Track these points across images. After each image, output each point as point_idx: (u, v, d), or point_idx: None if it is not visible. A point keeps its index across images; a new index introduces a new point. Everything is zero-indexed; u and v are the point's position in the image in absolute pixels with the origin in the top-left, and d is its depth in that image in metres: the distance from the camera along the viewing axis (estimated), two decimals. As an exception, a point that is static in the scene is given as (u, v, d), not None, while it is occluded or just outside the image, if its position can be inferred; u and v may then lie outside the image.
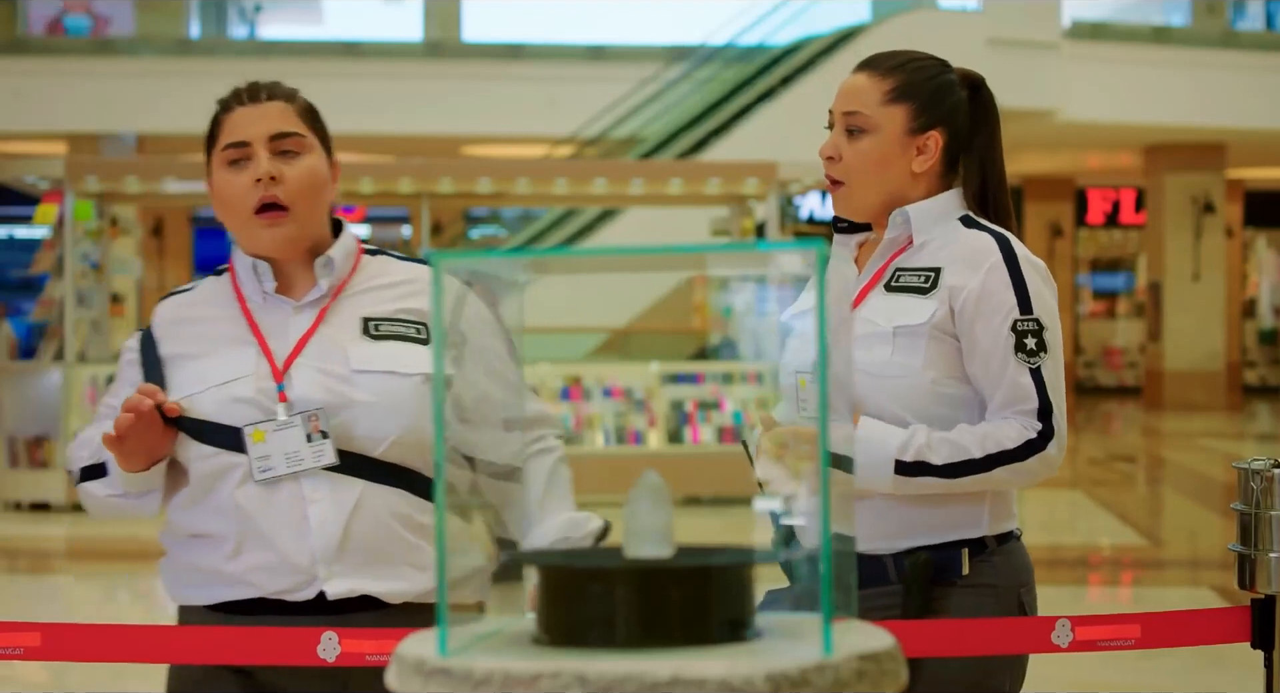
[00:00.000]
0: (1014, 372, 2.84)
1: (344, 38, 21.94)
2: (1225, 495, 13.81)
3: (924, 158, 2.97)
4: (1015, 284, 2.88)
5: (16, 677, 7.00)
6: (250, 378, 2.74)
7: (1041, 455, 2.82)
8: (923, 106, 2.98)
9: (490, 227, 22.46)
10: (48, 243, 13.30)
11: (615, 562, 1.53)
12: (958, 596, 2.91)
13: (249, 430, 2.71)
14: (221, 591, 2.76)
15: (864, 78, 2.99)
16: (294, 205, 2.78)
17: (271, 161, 2.77)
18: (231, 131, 2.80)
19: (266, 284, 2.82)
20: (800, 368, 2.96)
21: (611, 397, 13.05)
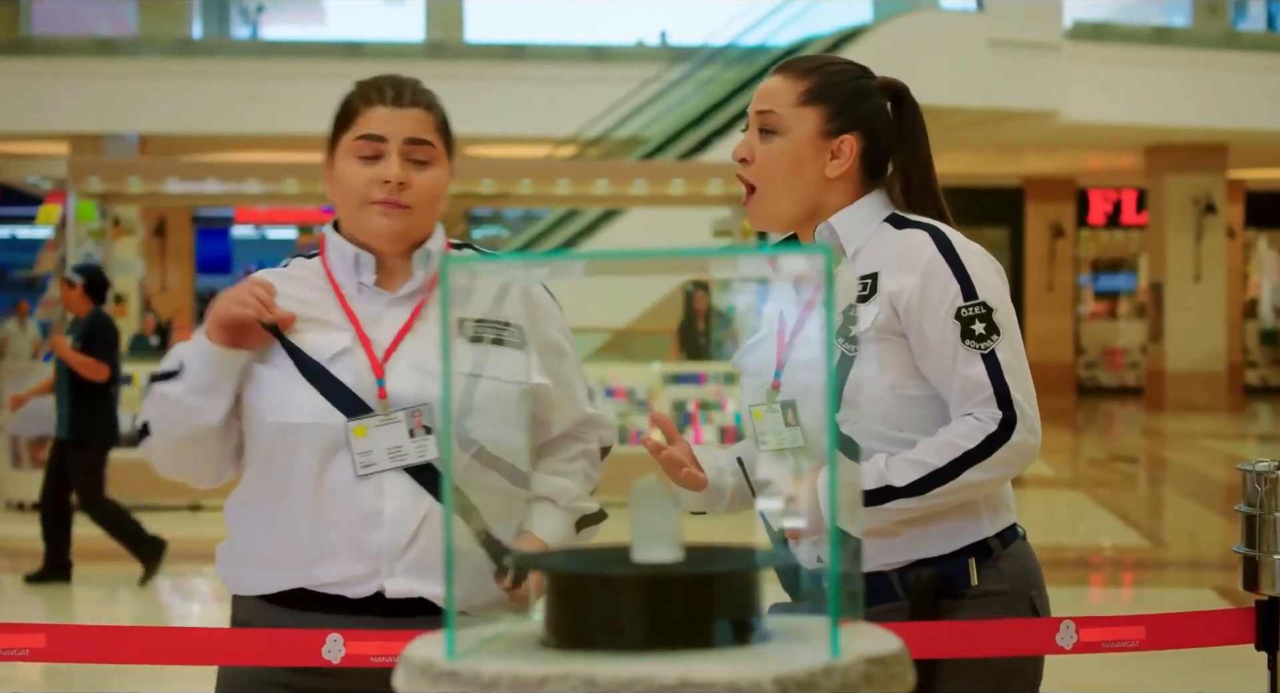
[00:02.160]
0: (964, 362, 2.77)
1: (346, 38, 21.94)
2: (1227, 496, 13.81)
3: (838, 162, 2.90)
4: (955, 272, 2.81)
5: (20, 678, 7.00)
6: (348, 362, 2.75)
7: (1009, 445, 2.73)
8: (838, 109, 2.91)
9: (493, 227, 22.44)
10: (50, 243, 13.32)
11: (623, 566, 1.53)
12: (967, 607, 2.85)
13: (351, 425, 2.70)
14: (280, 577, 2.76)
15: (779, 79, 2.95)
16: (414, 210, 2.81)
17: (403, 166, 2.79)
18: (369, 124, 2.80)
19: (366, 276, 2.83)
20: (754, 402, 2.92)
21: (614, 397, 13.06)
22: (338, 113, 2.86)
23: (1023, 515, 3.02)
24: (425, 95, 2.86)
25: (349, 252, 2.84)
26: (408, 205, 2.80)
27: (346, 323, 2.80)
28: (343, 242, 2.86)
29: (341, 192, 2.83)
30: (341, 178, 2.83)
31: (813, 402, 2.80)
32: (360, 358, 2.76)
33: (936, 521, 2.82)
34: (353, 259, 2.83)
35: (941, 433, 2.77)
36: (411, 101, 2.83)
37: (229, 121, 19.66)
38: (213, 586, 9.35)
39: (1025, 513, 13.53)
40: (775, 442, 2.88)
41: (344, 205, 2.84)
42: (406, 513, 2.70)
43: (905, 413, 2.83)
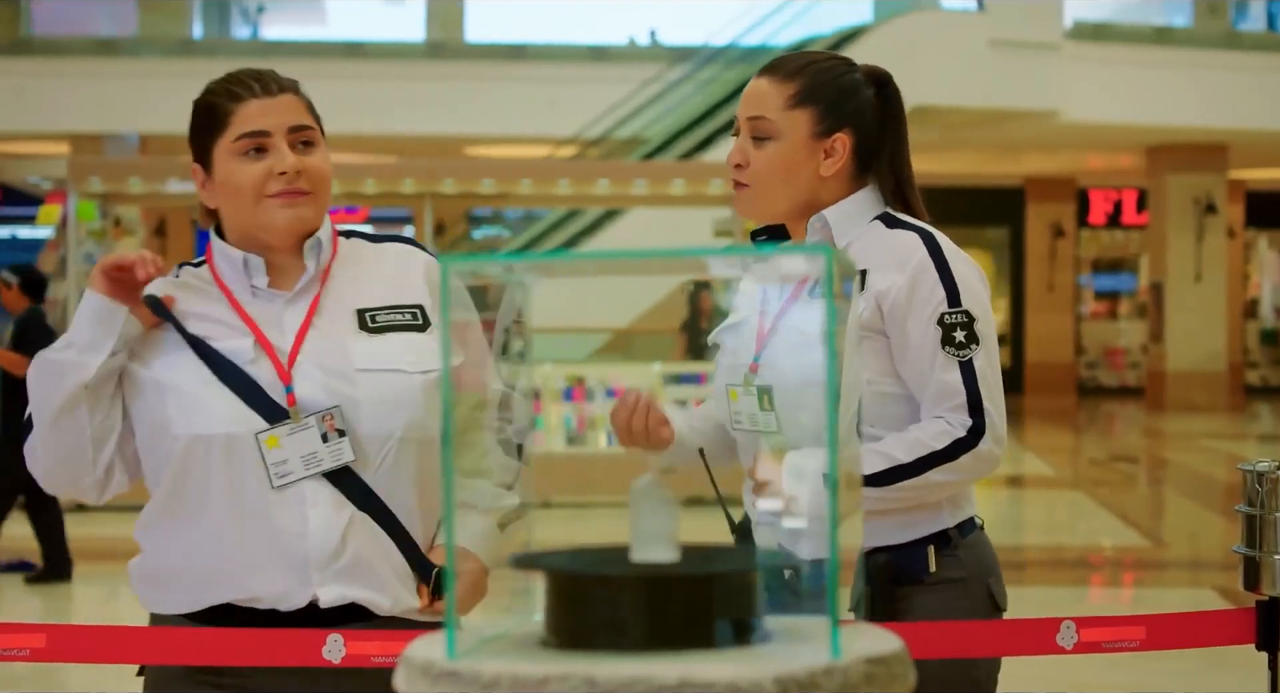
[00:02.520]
0: (942, 367, 2.82)
1: (346, 38, 21.93)
2: (1227, 496, 13.81)
3: (832, 160, 2.93)
4: (943, 278, 2.85)
5: (20, 678, 7.00)
6: (253, 371, 2.69)
7: (974, 452, 2.80)
8: (827, 109, 2.93)
9: (493, 227, 22.46)
10: (51, 243, 13.34)
11: (624, 566, 1.53)
12: (925, 594, 2.90)
13: (262, 437, 2.65)
14: (207, 594, 2.70)
15: (766, 82, 2.95)
16: (315, 194, 2.76)
17: (294, 154, 2.74)
18: (247, 121, 2.74)
19: (258, 279, 2.77)
20: (730, 381, 2.94)
21: (615, 397, 13.04)
22: (199, 119, 2.80)
23: (1023, 515, 3.04)
24: (290, 81, 2.81)
25: (236, 256, 2.78)
26: (308, 191, 2.75)
27: (245, 329, 2.74)
28: (227, 246, 2.79)
29: (231, 193, 2.75)
30: (228, 180, 2.75)
31: (790, 390, 2.80)
32: (265, 365, 2.70)
33: (898, 512, 2.86)
34: (241, 263, 2.77)
35: (911, 430, 2.83)
36: (280, 89, 2.78)
37: (230, 122, 19.57)
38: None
39: (1026, 513, 13.55)
40: (749, 423, 2.92)
41: (236, 207, 2.76)
42: (331, 519, 2.66)
43: (878, 410, 2.87)
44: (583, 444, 12.83)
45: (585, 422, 12.95)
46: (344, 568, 2.67)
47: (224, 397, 2.66)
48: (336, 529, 2.67)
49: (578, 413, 12.96)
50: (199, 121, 2.80)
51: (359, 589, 2.69)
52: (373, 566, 2.69)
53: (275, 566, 2.67)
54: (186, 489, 2.68)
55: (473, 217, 23.87)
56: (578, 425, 12.93)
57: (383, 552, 2.71)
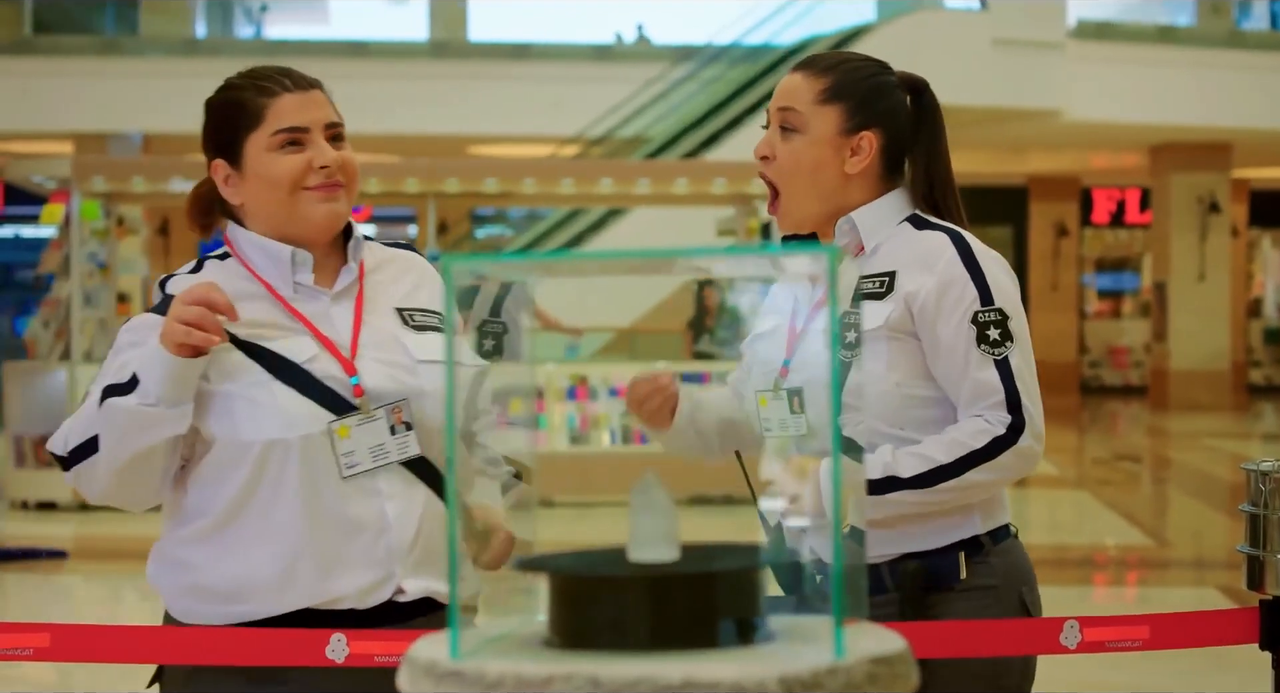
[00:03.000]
0: (977, 366, 2.80)
1: (350, 38, 21.93)
2: (1231, 495, 13.80)
3: (858, 158, 2.93)
4: (974, 277, 2.85)
5: (24, 677, 7.00)
6: (318, 363, 2.68)
7: (1015, 449, 2.78)
8: (857, 106, 2.93)
9: (496, 226, 22.45)
10: (54, 242, 13.32)
11: (628, 566, 1.53)
12: (956, 601, 2.89)
13: (335, 426, 2.65)
14: (281, 601, 2.68)
15: (799, 77, 2.96)
16: (348, 188, 2.79)
17: (332, 149, 2.77)
18: (284, 116, 2.74)
19: (302, 275, 2.76)
20: (760, 387, 2.95)
21: (618, 396, 13.05)
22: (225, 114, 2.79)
23: (1027, 514, 3.04)
24: (316, 80, 2.84)
25: (283, 251, 2.76)
26: (344, 184, 2.77)
27: (299, 326, 2.73)
28: (269, 241, 2.77)
29: (267, 186, 2.74)
30: (264, 172, 2.74)
31: (818, 393, 2.83)
32: (327, 361, 2.69)
33: (931, 517, 2.85)
34: (289, 258, 2.76)
35: (949, 431, 2.80)
36: (309, 84, 2.80)
37: (233, 121, 19.59)
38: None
39: (1029, 512, 13.56)
40: (779, 428, 2.92)
41: (271, 199, 2.75)
42: (407, 510, 2.68)
43: (908, 413, 2.85)
44: (586, 444, 12.83)
45: (589, 421, 12.95)
46: (421, 559, 2.69)
47: (291, 398, 2.65)
48: (413, 520, 2.68)
49: (581, 412, 12.97)
50: (225, 117, 2.79)
51: (436, 581, 2.71)
52: (442, 555, 2.71)
53: (357, 563, 2.67)
54: (256, 497, 2.66)
55: (476, 216, 23.88)
56: (581, 425, 12.93)
57: None
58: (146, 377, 2.58)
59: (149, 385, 2.57)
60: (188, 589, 2.74)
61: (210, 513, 2.69)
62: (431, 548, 2.70)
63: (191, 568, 2.72)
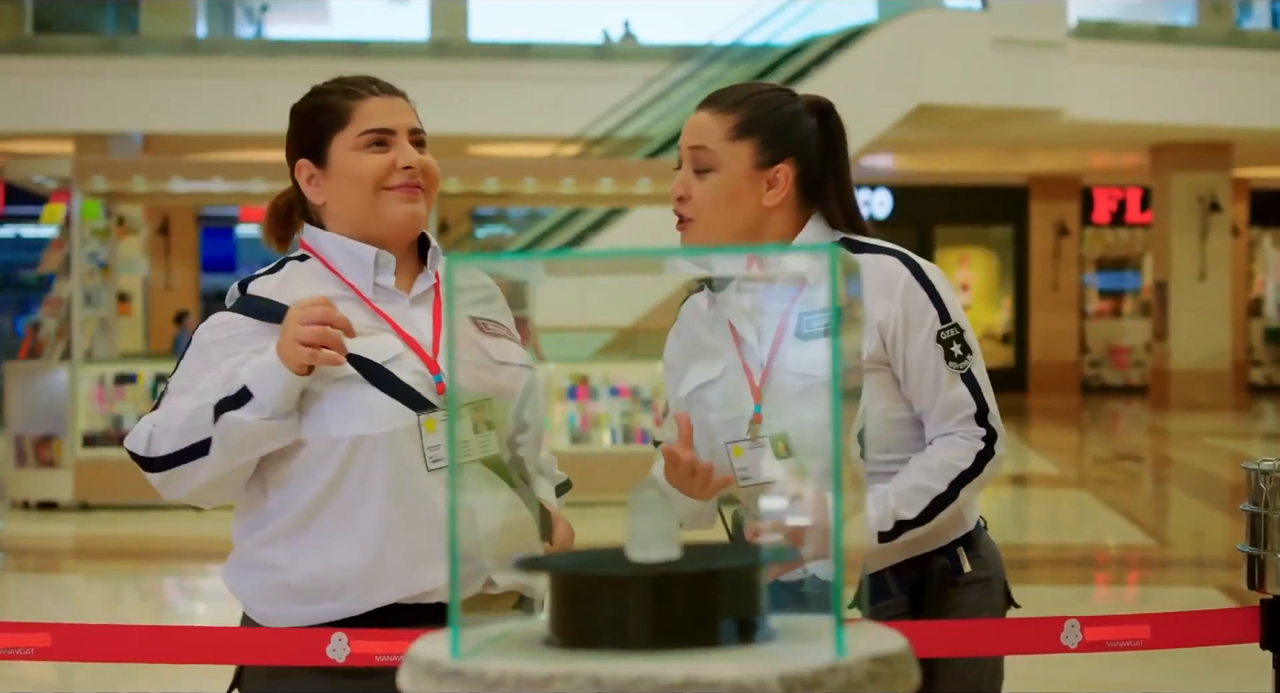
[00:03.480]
0: (947, 383, 2.87)
1: (350, 37, 21.94)
2: (1231, 495, 13.81)
3: (775, 191, 2.92)
4: (931, 296, 2.89)
5: (25, 677, 7.00)
6: (404, 361, 2.72)
7: (993, 460, 2.88)
8: (769, 139, 2.92)
9: (497, 226, 22.47)
10: (55, 242, 13.32)
11: (628, 565, 1.53)
12: (963, 594, 2.97)
13: (423, 418, 2.68)
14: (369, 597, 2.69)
15: (706, 115, 2.95)
16: (428, 193, 2.86)
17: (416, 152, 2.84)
18: (371, 118, 2.83)
19: (384, 277, 2.82)
20: (730, 438, 2.92)
21: (619, 396, 13.07)
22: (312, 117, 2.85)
23: (1028, 514, 3.07)
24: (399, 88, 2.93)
25: (367, 252, 2.81)
26: (424, 187, 2.84)
27: (384, 324, 2.77)
28: (352, 242, 2.82)
29: (350, 183, 2.81)
30: (349, 170, 2.81)
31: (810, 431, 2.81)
32: (411, 359, 2.74)
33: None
34: (373, 259, 2.81)
35: (935, 454, 2.87)
36: (395, 91, 2.90)
37: (233, 121, 19.66)
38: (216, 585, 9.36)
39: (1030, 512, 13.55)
40: (759, 476, 2.91)
41: (355, 196, 2.81)
42: (490, 504, 2.70)
43: (892, 436, 2.92)
44: (587, 443, 12.84)
45: (589, 420, 12.96)
46: (507, 554, 2.71)
47: (376, 396, 2.68)
48: (497, 515, 2.71)
49: (582, 412, 12.97)
50: (312, 119, 2.86)
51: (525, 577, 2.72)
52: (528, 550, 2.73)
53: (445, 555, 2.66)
54: (341, 493, 2.68)
55: (476, 215, 23.90)
56: (581, 424, 12.94)
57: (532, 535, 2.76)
58: (262, 391, 2.62)
59: (264, 399, 2.61)
60: (272, 590, 2.75)
61: (294, 511, 2.71)
62: (516, 544, 2.73)
63: (276, 569, 2.73)
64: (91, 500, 12.53)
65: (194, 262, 26.29)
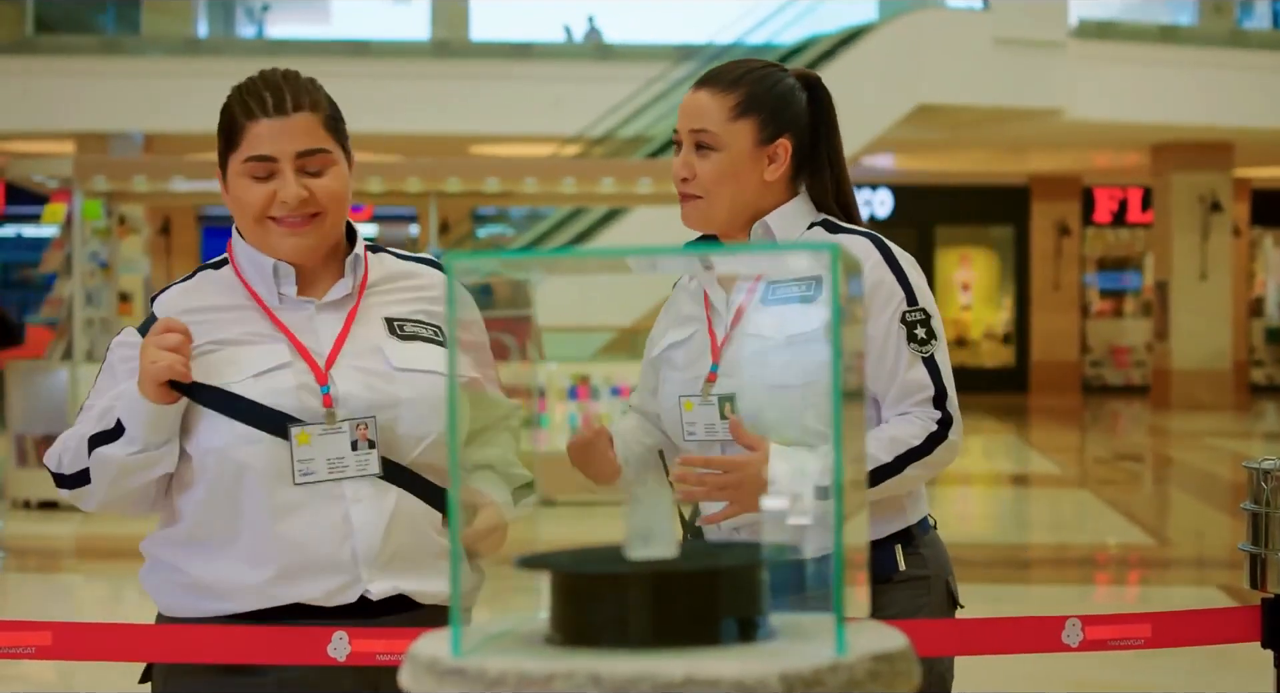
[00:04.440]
0: (907, 364, 2.90)
1: (351, 37, 21.93)
2: (1232, 494, 13.80)
3: (775, 166, 2.98)
4: (899, 278, 2.92)
5: (26, 676, 7.00)
6: (289, 371, 2.69)
7: (945, 444, 2.89)
8: (769, 117, 2.98)
9: (497, 226, 22.44)
10: (56, 242, 13.32)
11: (629, 563, 1.53)
12: (894, 591, 2.97)
13: (295, 432, 2.65)
14: (242, 601, 2.70)
15: (706, 95, 2.99)
16: (323, 216, 2.74)
17: (299, 181, 2.70)
18: (256, 144, 2.71)
19: (287, 288, 2.77)
20: (684, 393, 2.98)
21: (620, 395, 13.06)
22: (220, 127, 2.77)
23: (1028, 513, 3.08)
24: (307, 94, 2.74)
25: (265, 263, 2.77)
26: (315, 213, 2.73)
27: (278, 333, 2.74)
28: (256, 253, 2.77)
29: (237, 211, 2.75)
30: (238, 197, 2.74)
31: (755, 395, 2.89)
32: (301, 367, 2.70)
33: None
34: (271, 270, 2.76)
35: (886, 429, 2.89)
36: (294, 106, 2.71)
37: (234, 120, 19.59)
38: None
39: (1031, 511, 13.54)
40: (705, 433, 2.97)
41: (242, 224, 2.76)
42: (374, 514, 2.67)
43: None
44: (588, 443, 12.82)
45: (590, 420, 12.96)
46: (390, 559, 2.69)
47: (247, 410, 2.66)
48: (381, 523, 2.68)
49: (582, 412, 12.97)
50: (220, 128, 2.79)
51: (406, 581, 2.71)
52: (417, 555, 2.72)
53: (321, 567, 2.67)
54: (217, 506, 2.68)
55: (477, 215, 23.88)
56: (582, 424, 12.93)
57: (427, 540, 2.73)
58: (132, 423, 2.63)
59: (135, 432, 2.63)
60: (173, 586, 2.78)
61: (185, 518, 2.73)
62: (403, 550, 2.70)
63: (174, 568, 2.76)
64: (90, 505, 12.50)
65: (195, 261, 26.31)
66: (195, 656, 2.76)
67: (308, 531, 2.66)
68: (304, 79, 2.78)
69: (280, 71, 2.78)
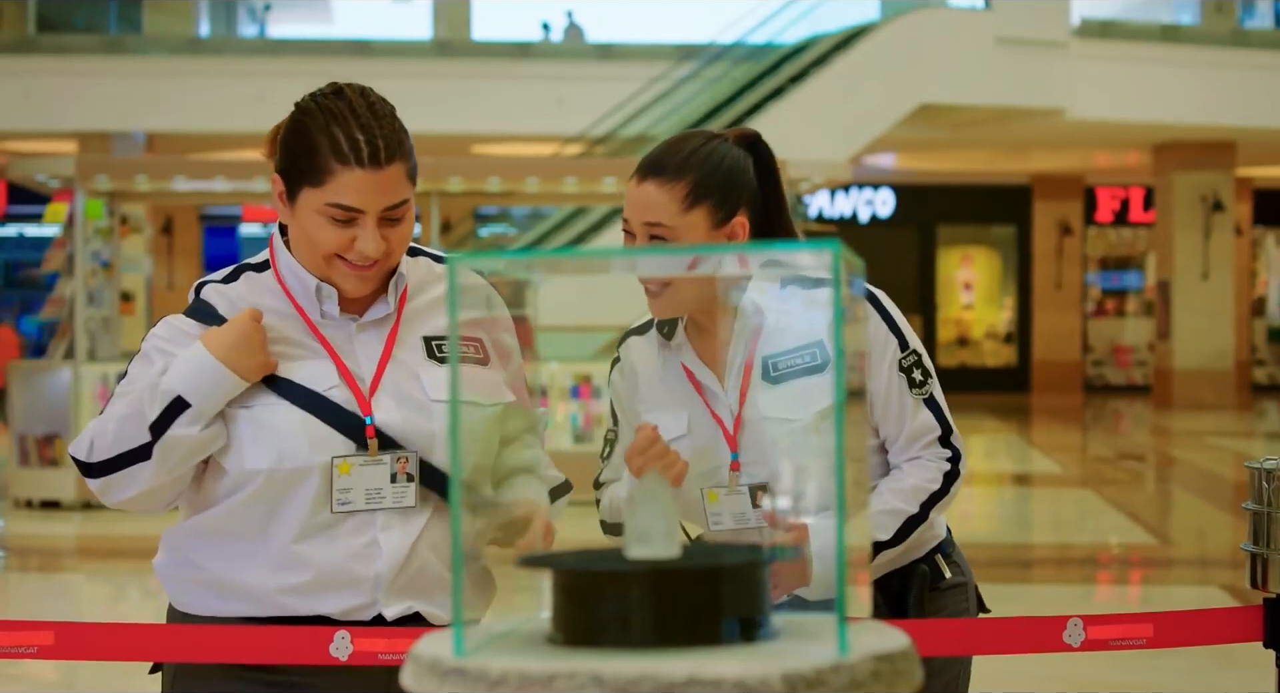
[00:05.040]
0: (913, 411, 2.94)
1: (353, 37, 21.95)
2: (1234, 494, 13.80)
3: (734, 242, 2.87)
4: (889, 325, 2.94)
5: (27, 675, 7.00)
6: (337, 392, 2.67)
7: (958, 480, 2.97)
8: (721, 198, 2.87)
9: (499, 225, 22.45)
10: (58, 241, 13.32)
11: (630, 563, 1.53)
12: (942, 598, 3.06)
13: (337, 462, 2.63)
14: (258, 606, 2.70)
15: (654, 188, 2.86)
16: (389, 259, 2.70)
17: (381, 233, 2.65)
18: (345, 192, 2.61)
19: (329, 307, 2.73)
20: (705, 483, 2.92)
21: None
22: (299, 150, 2.65)
23: (1030, 513, 3.10)
24: (399, 144, 2.66)
25: (309, 282, 2.73)
26: (381, 261, 2.69)
27: (322, 350, 2.71)
28: (300, 269, 2.73)
29: (306, 241, 2.68)
30: (308, 229, 2.66)
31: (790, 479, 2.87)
32: (345, 394, 2.68)
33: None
34: (314, 291, 2.73)
35: (905, 479, 2.94)
36: (388, 159, 2.62)
37: (236, 120, 19.66)
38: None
39: (1033, 511, 13.53)
40: (736, 522, 2.93)
41: (307, 253, 2.70)
42: (400, 539, 2.67)
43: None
44: (589, 442, 12.83)
45: (592, 419, 12.96)
46: (409, 581, 2.69)
47: (304, 426, 2.65)
48: (405, 548, 2.67)
49: (584, 410, 12.97)
50: (294, 150, 2.66)
51: (422, 602, 2.71)
52: (437, 578, 2.71)
53: (343, 587, 2.68)
54: (256, 512, 2.67)
55: (479, 215, 23.88)
56: (584, 423, 12.94)
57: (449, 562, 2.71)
58: (205, 399, 2.61)
59: (205, 407, 2.61)
60: (190, 581, 2.76)
61: (212, 513, 2.71)
62: (422, 574, 2.70)
63: (193, 563, 2.74)
64: (94, 500, 12.53)
65: (197, 261, 26.32)
66: (199, 655, 2.76)
67: (334, 552, 2.66)
68: (393, 120, 2.67)
69: (368, 103, 2.67)
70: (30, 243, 27.55)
